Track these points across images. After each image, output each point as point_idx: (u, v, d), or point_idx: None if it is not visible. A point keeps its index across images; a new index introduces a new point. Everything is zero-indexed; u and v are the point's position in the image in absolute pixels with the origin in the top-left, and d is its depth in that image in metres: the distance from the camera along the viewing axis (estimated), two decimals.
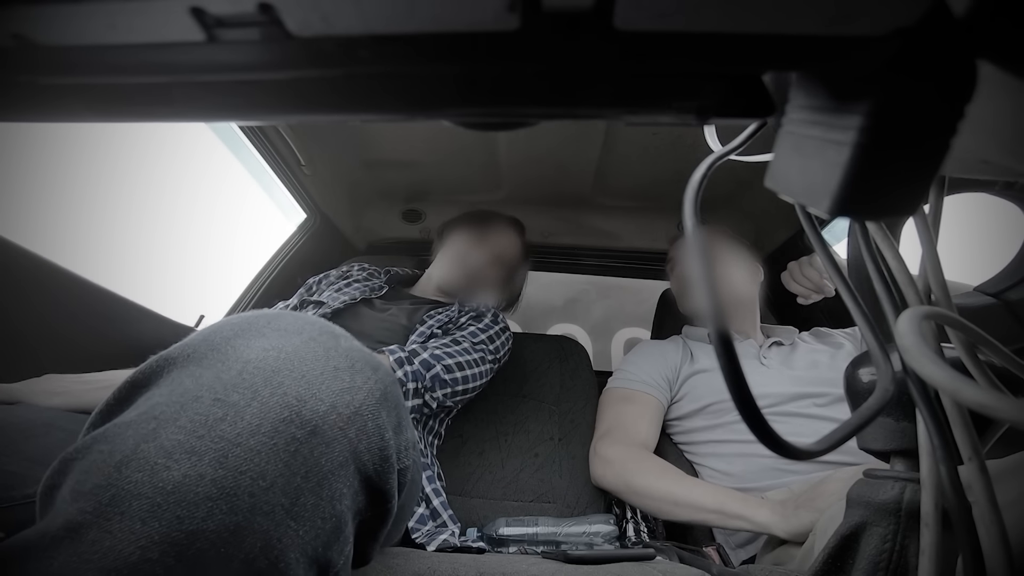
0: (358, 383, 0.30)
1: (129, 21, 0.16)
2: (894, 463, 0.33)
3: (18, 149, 0.85)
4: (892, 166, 0.16)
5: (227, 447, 0.24)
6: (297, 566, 0.24)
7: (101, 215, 1.07)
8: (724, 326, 0.16)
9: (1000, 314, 0.44)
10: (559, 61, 0.17)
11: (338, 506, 0.27)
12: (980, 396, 0.15)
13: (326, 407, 0.27)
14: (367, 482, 0.29)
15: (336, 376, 0.29)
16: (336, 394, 0.28)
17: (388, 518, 0.32)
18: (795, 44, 0.15)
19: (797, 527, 0.63)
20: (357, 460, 0.28)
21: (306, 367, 0.28)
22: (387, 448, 0.30)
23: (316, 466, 0.26)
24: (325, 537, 0.26)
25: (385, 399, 0.31)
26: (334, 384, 0.28)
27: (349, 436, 0.28)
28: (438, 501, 0.74)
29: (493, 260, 1.03)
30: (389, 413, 0.31)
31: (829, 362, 0.92)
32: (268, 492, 0.24)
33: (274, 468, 0.24)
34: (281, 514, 0.24)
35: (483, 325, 0.93)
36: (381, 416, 0.30)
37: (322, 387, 0.28)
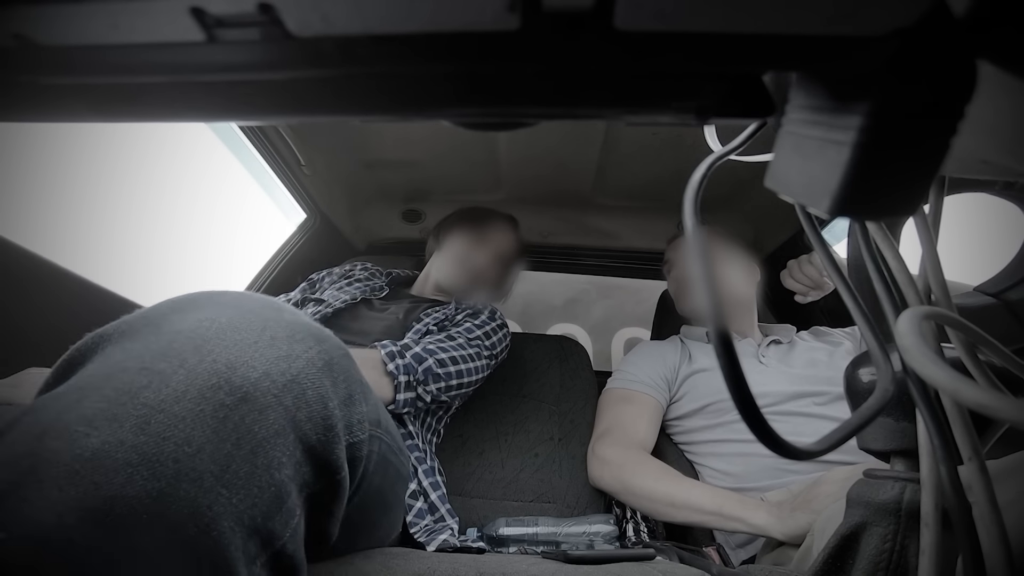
0: (297, 351, 0.29)
1: (130, 21, 0.16)
2: (894, 463, 0.33)
3: (18, 149, 0.85)
4: (892, 166, 0.16)
5: (150, 413, 0.23)
6: (233, 535, 0.24)
7: (101, 215, 1.07)
8: (724, 326, 0.16)
9: (1000, 314, 0.44)
10: (559, 61, 0.17)
11: (276, 475, 0.26)
12: (980, 396, 0.15)
13: (258, 374, 0.27)
14: (310, 452, 0.29)
15: (272, 345, 0.28)
16: (271, 362, 0.27)
17: (340, 491, 0.31)
18: (795, 44, 0.15)
19: (794, 529, 0.63)
20: (297, 429, 0.28)
21: (239, 336, 0.28)
22: (331, 418, 0.30)
23: (248, 433, 0.25)
24: (264, 506, 0.25)
25: (330, 369, 0.31)
26: (269, 352, 0.28)
27: (285, 404, 0.27)
28: (436, 495, 0.73)
29: (494, 259, 1.03)
30: (336, 384, 0.31)
31: (828, 360, 0.92)
32: (194, 458, 0.23)
33: (201, 434, 0.24)
34: (210, 481, 0.23)
35: (479, 322, 0.93)
36: (324, 385, 0.30)
37: (255, 355, 0.27)
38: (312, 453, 0.29)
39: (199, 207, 1.36)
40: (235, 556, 0.24)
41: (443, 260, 1.03)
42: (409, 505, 0.69)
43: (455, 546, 0.65)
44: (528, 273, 1.54)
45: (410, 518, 0.68)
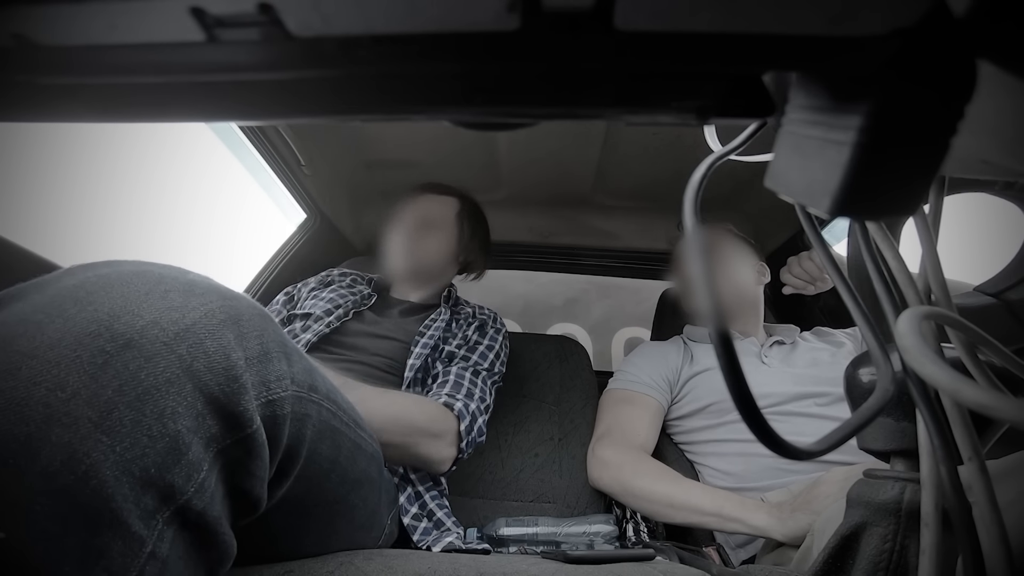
0: (192, 304, 0.29)
1: (129, 21, 0.16)
2: (894, 463, 0.33)
3: (18, 149, 0.85)
4: (892, 166, 0.16)
5: (20, 359, 0.23)
6: (118, 484, 0.23)
7: (101, 215, 1.07)
8: (724, 326, 0.16)
9: (1000, 314, 0.44)
10: (559, 61, 0.17)
11: (170, 424, 0.26)
12: (980, 396, 0.15)
13: (145, 322, 0.26)
14: (213, 403, 0.28)
15: (164, 297, 0.28)
16: (160, 311, 0.27)
17: (255, 447, 0.31)
18: (795, 44, 0.15)
19: (794, 530, 0.63)
20: (194, 378, 0.27)
21: (128, 288, 0.27)
22: (234, 368, 0.29)
23: (133, 380, 0.25)
24: (156, 457, 0.25)
25: (236, 323, 0.30)
26: (160, 303, 0.27)
27: (178, 352, 0.27)
28: (442, 513, 0.73)
29: (417, 227, 0.94)
30: (243, 338, 0.30)
31: (830, 360, 0.92)
32: (68, 403, 0.23)
33: (76, 379, 0.23)
34: (87, 427, 0.23)
35: (489, 340, 0.91)
36: (225, 337, 0.29)
37: (143, 305, 0.27)
38: (216, 404, 0.28)
39: (199, 207, 1.36)
40: (124, 507, 0.23)
41: (384, 247, 0.97)
42: (413, 526, 0.69)
43: (460, 548, 0.65)
44: (528, 273, 1.54)
45: (416, 536, 0.67)
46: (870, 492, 0.32)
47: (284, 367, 0.34)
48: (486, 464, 0.98)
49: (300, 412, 0.36)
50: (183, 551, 0.27)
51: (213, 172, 1.22)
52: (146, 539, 0.24)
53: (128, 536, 0.24)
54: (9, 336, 0.24)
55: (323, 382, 0.41)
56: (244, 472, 0.31)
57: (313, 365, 0.40)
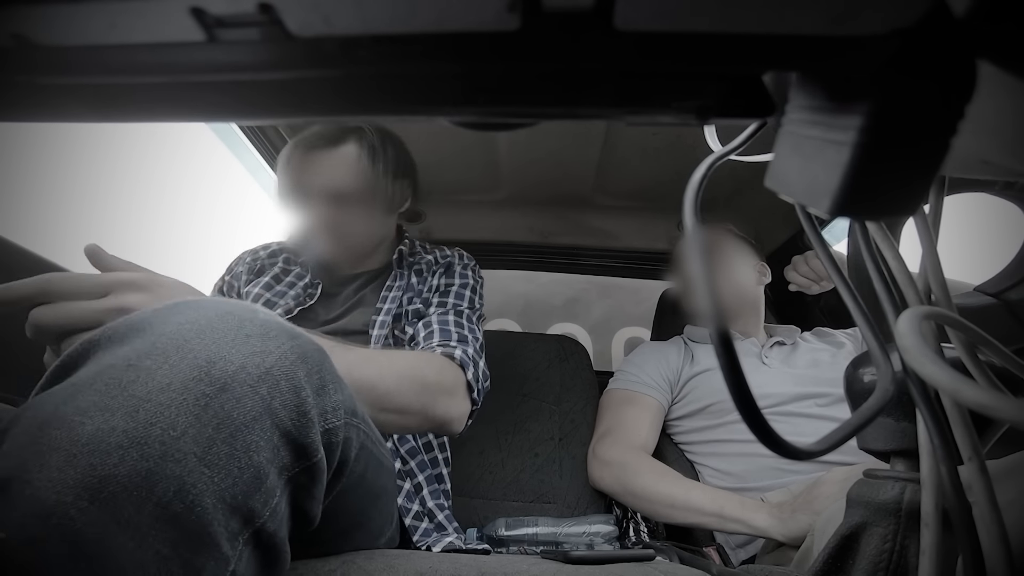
0: (270, 348, 0.32)
1: (129, 21, 0.16)
2: (894, 463, 0.33)
3: (18, 149, 0.85)
4: (892, 166, 0.16)
5: (138, 403, 0.26)
6: (215, 511, 0.26)
7: (101, 215, 1.07)
8: (724, 326, 0.16)
9: (1000, 314, 0.44)
10: (559, 61, 0.17)
11: (255, 457, 0.29)
12: (980, 396, 0.15)
13: (235, 367, 0.29)
14: (287, 436, 0.31)
15: (247, 342, 0.31)
16: (246, 356, 0.30)
17: (317, 473, 0.34)
18: (795, 44, 0.15)
19: (795, 530, 0.63)
20: (272, 415, 0.30)
21: (217, 335, 0.30)
22: (304, 404, 0.32)
23: (228, 419, 0.28)
24: (244, 486, 0.28)
25: (303, 361, 0.33)
26: (245, 348, 0.31)
27: (261, 393, 0.30)
28: (443, 515, 0.73)
29: (327, 204, 0.76)
30: (308, 375, 0.34)
31: (831, 361, 0.92)
32: (179, 441, 0.26)
33: (184, 420, 0.26)
34: (193, 461, 0.26)
35: (460, 279, 0.81)
36: (297, 376, 0.32)
37: (232, 351, 0.30)
38: (288, 438, 0.31)
39: (199, 207, 1.36)
40: (218, 531, 0.26)
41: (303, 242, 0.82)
42: (414, 527, 0.68)
43: (460, 548, 0.65)
44: (528, 273, 1.54)
45: (416, 537, 0.67)
46: (870, 492, 0.32)
47: (338, 397, 0.37)
48: (486, 464, 0.98)
49: (347, 437, 0.39)
50: (255, 568, 0.30)
51: (213, 172, 1.22)
52: (231, 558, 0.27)
53: (219, 556, 0.26)
54: (124, 381, 0.27)
55: (360, 408, 0.43)
56: (307, 495, 0.34)
57: (353, 395, 0.41)
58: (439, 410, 0.60)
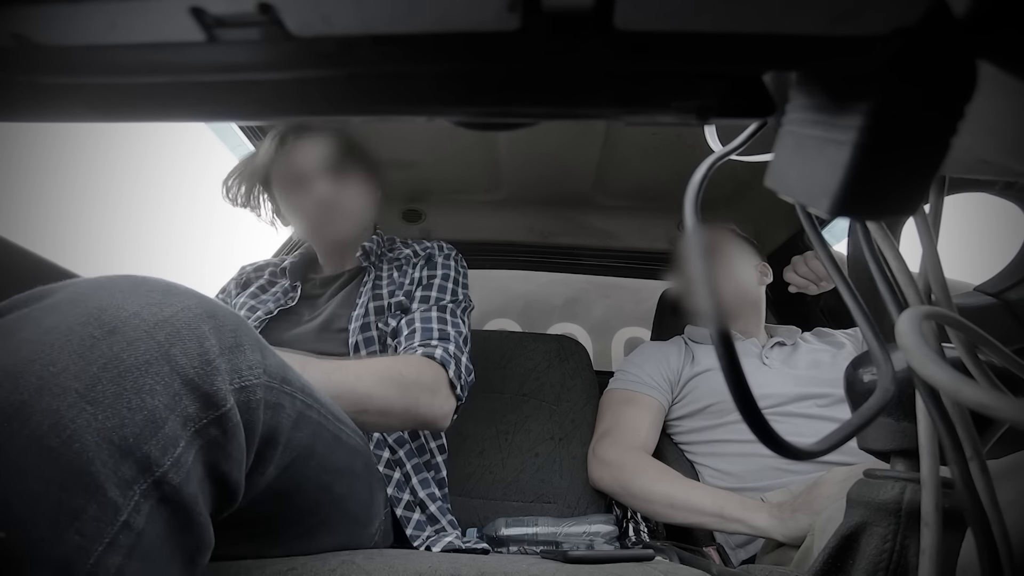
0: (171, 300, 0.32)
1: (129, 21, 0.16)
2: (894, 463, 0.33)
3: (18, 149, 0.85)
4: (892, 166, 0.16)
5: (20, 343, 0.27)
6: (98, 449, 0.26)
7: (101, 215, 1.07)
8: (724, 326, 0.16)
9: (1000, 314, 0.44)
10: (559, 61, 0.17)
11: (148, 400, 0.29)
12: (980, 396, 0.15)
13: (128, 313, 0.30)
14: (188, 384, 0.31)
15: (147, 295, 0.32)
16: (142, 305, 0.31)
17: (230, 426, 0.33)
18: (795, 44, 0.15)
19: (795, 530, 0.63)
20: (171, 361, 0.30)
21: (115, 289, 0.31)
22: (208, 353, 0.32)
23: (115, 359, 0.28)
24: (135, 427, 0.28)
25: (212, 317, 0.34)
26: (142, 299, 0.31)
27: (157, 339, 0.30)
28: (435, 507, 0.72)
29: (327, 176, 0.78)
30: (217, 330, 0.34)
31: (831, 362, 0.92)
32: (58, 377, 0.26)
33: (66, 358, 0.27)
34: (73, 396, 0.26)
35: (442, 270, 0.81)
36: (200, 328, 0.32)
37: (127, 300, 0.31)
38: (191, 385, 0.31)
39: (199, 207, 1.36)
40: (102, 472, 0.26)
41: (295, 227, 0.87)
42: (406, 518, 0.68)
43: (459, 548, 0.65)
44: (528, 273, 1.54)
45: (410, 531, 0.67)
46: (870, 492, 0.32)
47: (257, 358, 0.37)
48: (486, 464, 0.98)
49: (273, 401, 0.39)
50: (161, 530, 0.29)
51: (213, 172, 1.22)
52: (121, 507, 0.26)
53: (103, 501, 0.26)
54: (15, 328, 0.28)
55: (296, 377, 0.43)
56: (222, 454, 0.33)
57: (286, 363, 0.42)
58: (422, 409, 0.61)
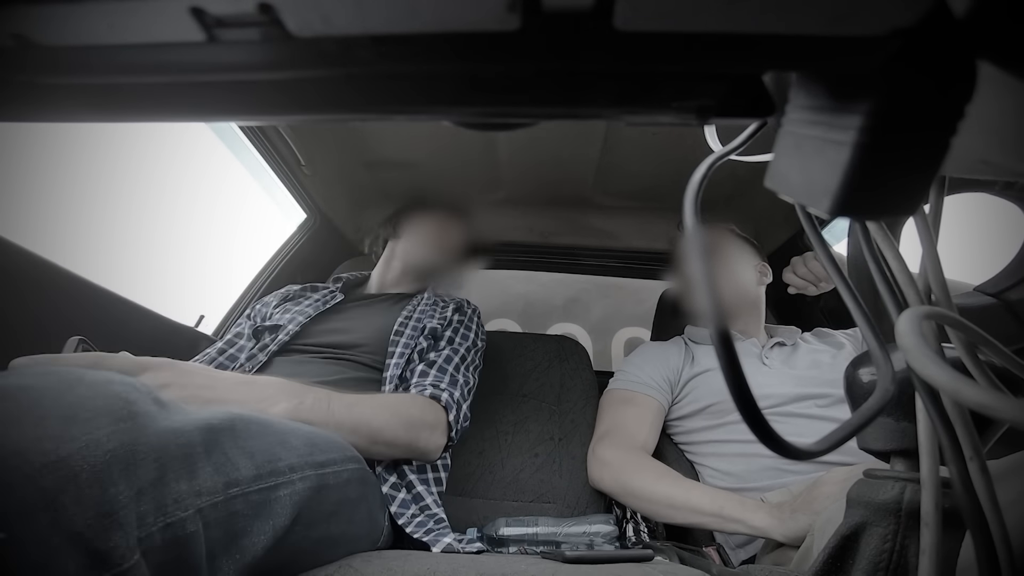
0: (73, 433, 0.27)
1: (129, 21, 0.16)
2: (894, 463, 0.33)
3: (18, 149, 0.85)
4: (892, 166, 0.16)
5: None
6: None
7: (101, 215, 1.07)
8: (724, 326, 0.16)
9: (1000, 314, 0.44)
10: (559, 61, 0.17)
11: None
12: (980, 396, 0.15)
13: (6, 452, 0.25)
14: (75, 538, 0.26)
15: (38, 425, 0.27)
16: (29, 441, 0.26)
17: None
18: (795, 44, 0.15)
19: (794, 531, 0.63)
20: (55, 511, 0.26)
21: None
22: (110, 503, 0.28)
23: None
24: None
25: (127, 450, 0.29)
26: (31, 432, 0.26)
27: (42, 485, 0.26)
28: (431, 499, 0.74)
29: (463, 240, 1.04)
30: (132, 467, 0.29)
31: (831, 362, 0.92)
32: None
33: None
34: None
35: (468, 320, 0.94)
36: (108, 471, 0.28)
37: (9, 433, 0.26)
38: (78, 540, 0.26)
39: (199, 207, 1.36)
40: None
41: (412, 242, 1.03)
42: (391, 496, 0.69)
43: (457, 549, 0.65)
44: (528, 273, 1.54)
45: (395, 508, 0.68)
46: (870, 492, 0.32)
47: (184, 485, 0.34)
48: (486, 464, 0.98)
49: (222, 514, 0.36)
50: None
51: (213, 172, 1.22)
52: None
53: None
54: None
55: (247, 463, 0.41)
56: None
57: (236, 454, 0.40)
58: (420, 443, 0.70)
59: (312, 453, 0.50)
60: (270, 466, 0.44)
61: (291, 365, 0.79)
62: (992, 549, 0.23)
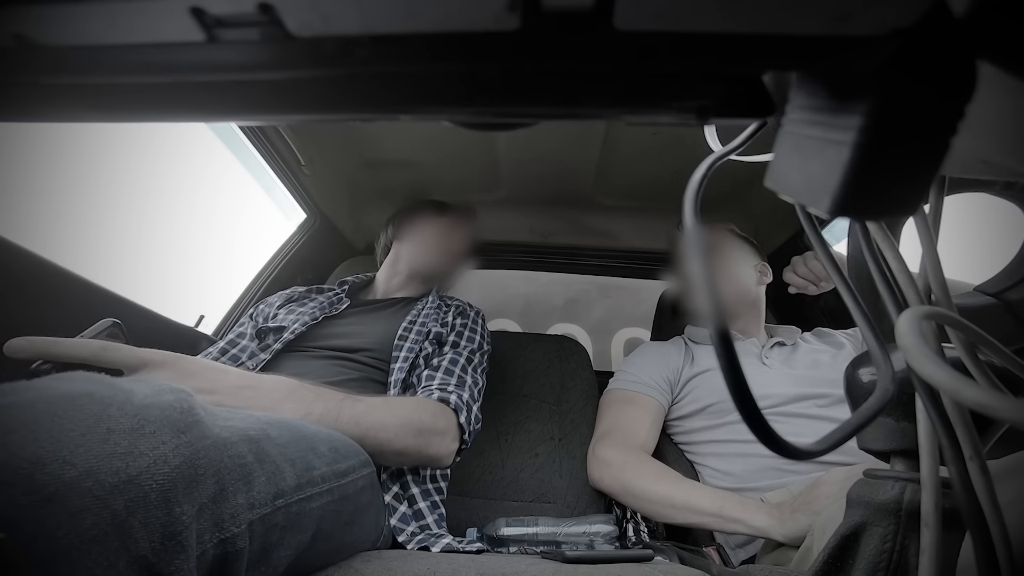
0: (141, 448, 0.26)
1: (129, 21, 0.16)
2: (894, 463, 0.33)
3: (18, 149, 0.85)
4: (892, 166, 0.16)
5: None
6: None
7: (101, 215, 1.07)
8: (724, 325, 0.16)
9: (1000, 314, 0.44)
10: (559, 61, 0.17)
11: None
12: (980, 396, 0.15)
13: (78, 472, 0.23)
14: (140, 562, 0.25)
15: (107, 439, 0.25)
16: (100, 459, 0.24)
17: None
18: (795, 44, 0.15)
19: (794, 531, 0.63)
20: (125, 536, 0.24)
21: (58, 427, 0.24)
22: (174, 524, 0.26)
23: (46, 539, 0.22)
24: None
25: (190, 466, 0.28)
26: (100, 448, 0.25)
27: (113, 508, 0.24)
28: (433, 518, 0.73)
29: (467, 242, 1.05)
30: (195, 483, 0.28)
31: (831, 362, 0.92)
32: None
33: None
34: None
35: (472, 323, 0.94)
36: (176, 487, 0.27)
37: (78, 450, 0.24)
38: (142, 564, 0.25)
39: (199, 207, 1.36)
40: None
41: (415, 245, 1.02)
42: (392, 507, 0.68)
43: (457, 549, 0.65)
44: (528, 273, 1.54)
45: (394, 522, 0.67)
46: (870, 492, 0.32)
47: (242, 499, 0.33)
48: (486, 464, 0.98)
49: (263, 530, 0.35)
50: None
51: (213, 172, 1.22)
52: None
53: None
54: None
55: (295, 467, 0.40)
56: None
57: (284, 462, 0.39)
58: (431, 450, 0.68)
59: (336, 461, 0.49)
60: (307, 475, 0.43)
61: (295, 364, 0.78)
62: (992, 549, 0.23)
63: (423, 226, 1.04)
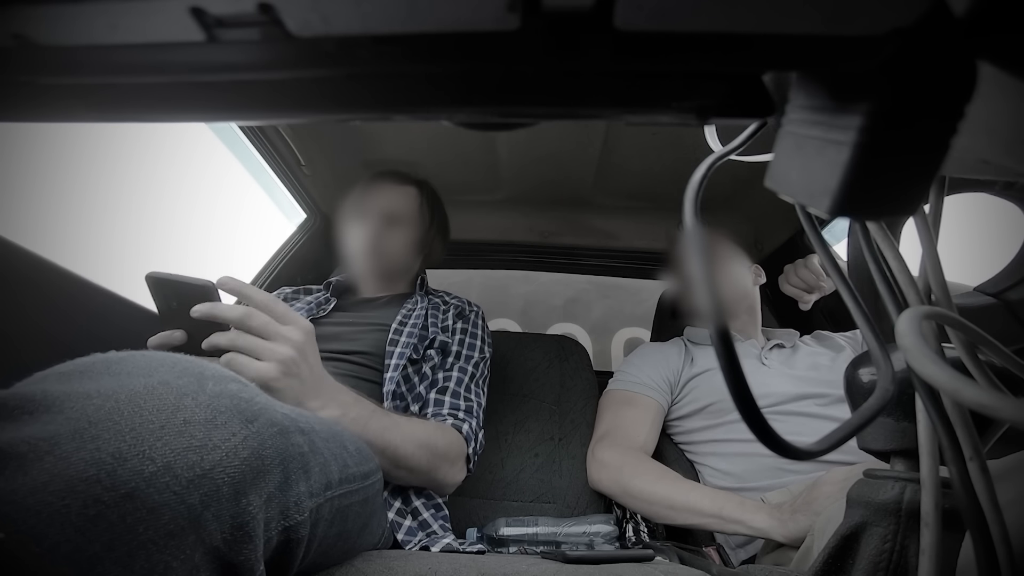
0: (215, 441, 0.26)
1: (129, 21, 0.16)
2: (894, 463, 0.33)
3: (18, 149, 0.85)
4: (892, 166, 0.16)
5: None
6: None
7: (101, 215, 1.07)
8: (724, 323, 0.16)
9: (1000, 314, 0.44)
10: (559, 61, 0.17)
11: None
12: (980, 396, 0.15)
13: (157, 467, 0.24)
14: (212, 554, 0.25)
15: (183, 432, 0.25)
16: (177, 453, 0.24)
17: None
18: (795, 44, 0.15)
19: (794, 531, 0.63)
20: (199, 529, 0.24)
21: (139, 419, 0.24)
22: (244, 515, 0.27)
23: (128, 534, 0.22)
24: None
25: (258, 457, 0.28)
26: (177, 441, 0.25)
27: (189, 502, 0.24)
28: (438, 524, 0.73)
29: (381, 222, 0.90)
30: (263, 474, 0.28)
31: (830, 364, 0.92)
32: (41, 559, 0.20)
33: (58, 532, 0.20)
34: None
35: (472, 327, 0.91)
36: (244, 479, 0.27)
37: (157, 443, 0.24)
38: (215, 555, 0.25)
39: (199, 207, 1.36)
40: None
41: (343, 251, 0.94)
42: (397, 523, 0.68)
43: (457, 549, 0.65)
44: (528, 273, 1.54)
45: (402, 536, 0.67)
46: (870, 492, 0.32)
47: (303, 487, 0.33)
48: (486, 464, 0.98)
49: (315, 520, 0.36)
50: None
51: (213, 172, 1.22)
52: None
53: None
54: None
55: (336, 462, 0.40)
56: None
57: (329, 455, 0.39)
58: (439, 475, 0.70)
59: (361, 462, 0.49)
60: (345, 472, 0.43)
61: None
62: (992, 549, 0.23)
63: (341, 224, 0.95)
